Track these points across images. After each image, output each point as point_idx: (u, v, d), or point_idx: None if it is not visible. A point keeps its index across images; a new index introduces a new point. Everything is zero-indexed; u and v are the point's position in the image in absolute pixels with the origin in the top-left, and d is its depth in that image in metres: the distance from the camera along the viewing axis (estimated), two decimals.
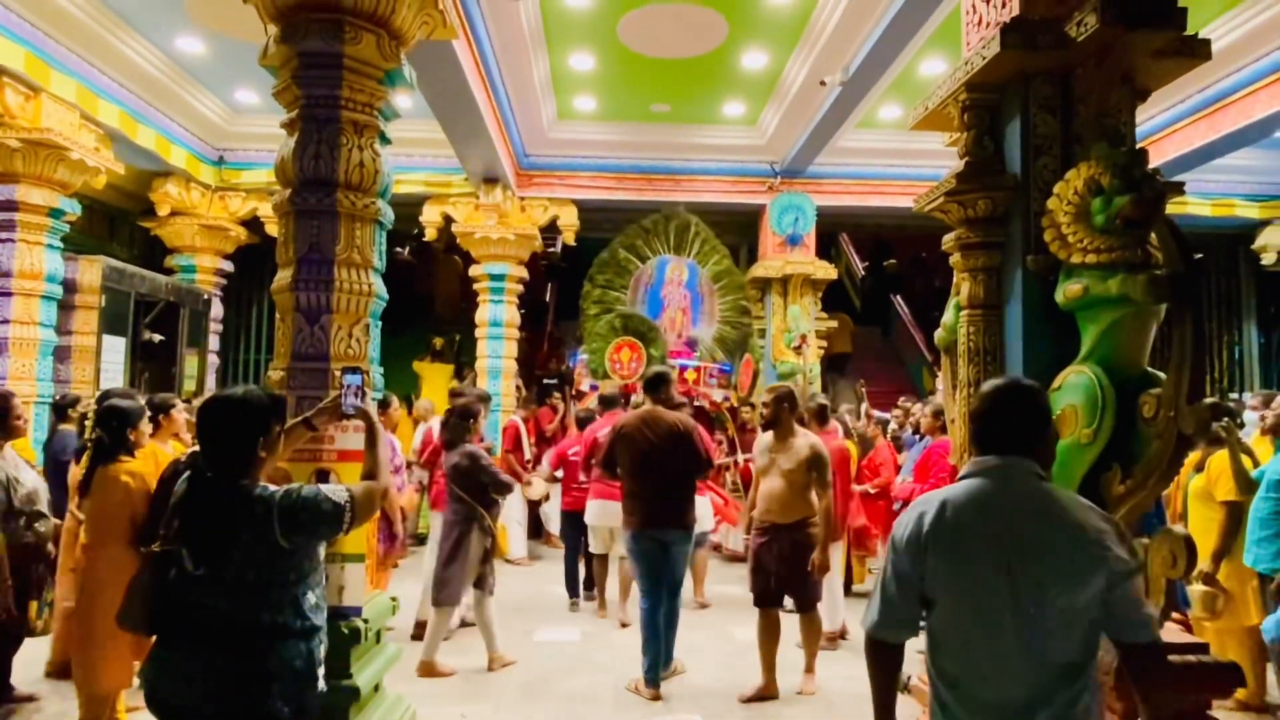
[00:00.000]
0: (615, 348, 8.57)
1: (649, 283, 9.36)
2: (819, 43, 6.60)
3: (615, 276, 9.34)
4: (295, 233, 3.39)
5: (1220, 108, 6.93)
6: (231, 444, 2.13)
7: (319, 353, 3.37)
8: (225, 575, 2.03)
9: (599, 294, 9.32)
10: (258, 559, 2.04)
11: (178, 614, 2.07)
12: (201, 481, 2.11)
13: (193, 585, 2.04)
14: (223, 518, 2.06)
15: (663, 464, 4.67)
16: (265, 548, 2.04)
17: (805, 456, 4.49)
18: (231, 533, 2.04)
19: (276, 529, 2.04)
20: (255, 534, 2.03)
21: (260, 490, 2.10)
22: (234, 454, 2.13)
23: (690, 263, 9.38)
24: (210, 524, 2.06)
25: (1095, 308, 2.97)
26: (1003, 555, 1.74)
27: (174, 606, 2.07)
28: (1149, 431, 2.81)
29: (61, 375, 6.93)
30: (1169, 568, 2.67)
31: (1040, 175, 3.27)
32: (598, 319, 9.02)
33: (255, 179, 9.23)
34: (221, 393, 2.27)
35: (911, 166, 9.21)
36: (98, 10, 6.39)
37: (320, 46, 3.35)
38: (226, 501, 2.07)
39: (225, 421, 2.15)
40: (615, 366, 8.53)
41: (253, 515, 2.04)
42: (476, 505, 4.93)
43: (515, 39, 6.69)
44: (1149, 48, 3.09)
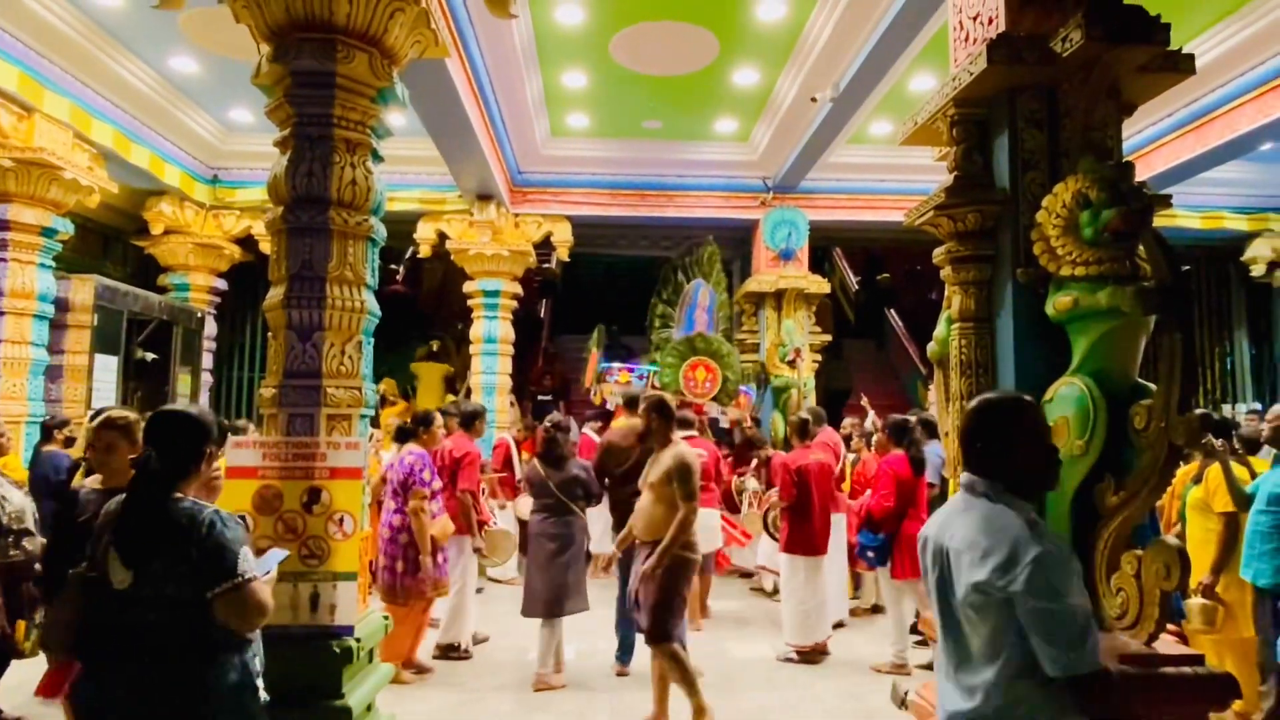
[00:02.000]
0: (691, 365, 8.74)
1: (688, 304, 9.65)
2: (809, 60, 6.66)
3: (674, 294, 9.73)
4: (287, 250, 3.39)
5: (1207, 121, 7.00)
6: (170, 454, 2.16)
7: (311, 370, 3.36)
8: (149, 591, 2.03)
9: (663, 309, 9.78)
10: (178, 574, 2.03)
11: (109, 634, 2.06)
12: (139, 488, 2.14)
13: (121, 603, 2.04)
14: (149, 525, 2.07)
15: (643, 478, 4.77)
16: (186, 565, 2.03)
17: (667, 468, 4.21)
18: (154, 542, 2.05)
19: (193, 547, 2.03)
20: (176, 547, 2.04)
21: (190, 503, 2.11)
22: (174, 464, 2.15)
23: (712, 290, 9.70)
24: (138, 531, 2.07)
25: (1085, 320, 2.98)
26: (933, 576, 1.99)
27: (104, 627, 2.07)
28: (1141, 442, 2.81)
29: (53, 394, 6.91)
30: (1162, 579, 2.66)
31: (1029, 189, 3.29)
32: (660, 333, 9.49)
33: (250, 197, 9.25)
34: (173, 406, 2.34)
35: (902, 181, 9.28)
36: (92, 30, 6.42)
37: (313, 65, 3.36)
38: (157, 510, 2.09)
39: (171, 432, 2.19)
40: (689, 384, 8.66)
41: (176, 526, 2.05)
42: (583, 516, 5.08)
43: (508, 57, 6.74)
44: (1134, 63, 3.12)
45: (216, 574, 2.03)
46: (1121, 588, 2.82)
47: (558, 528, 4.96)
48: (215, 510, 2.12)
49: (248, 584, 2.06)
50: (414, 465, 4.92)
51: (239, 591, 2.04)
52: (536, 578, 4.93)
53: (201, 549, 2.03)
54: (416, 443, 5.13)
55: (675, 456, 4.24)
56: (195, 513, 2.07)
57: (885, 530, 5.10)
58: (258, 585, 2.10)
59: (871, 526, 5.16)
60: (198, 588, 2.02)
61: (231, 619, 2.05)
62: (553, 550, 4.93)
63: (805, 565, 5.38)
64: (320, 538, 3.25)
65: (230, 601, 2.03)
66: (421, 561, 4.85)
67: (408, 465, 4.93)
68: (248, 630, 2.13)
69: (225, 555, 2.05)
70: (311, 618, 3.22)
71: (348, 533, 3.27)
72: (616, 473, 5.02)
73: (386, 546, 4.89)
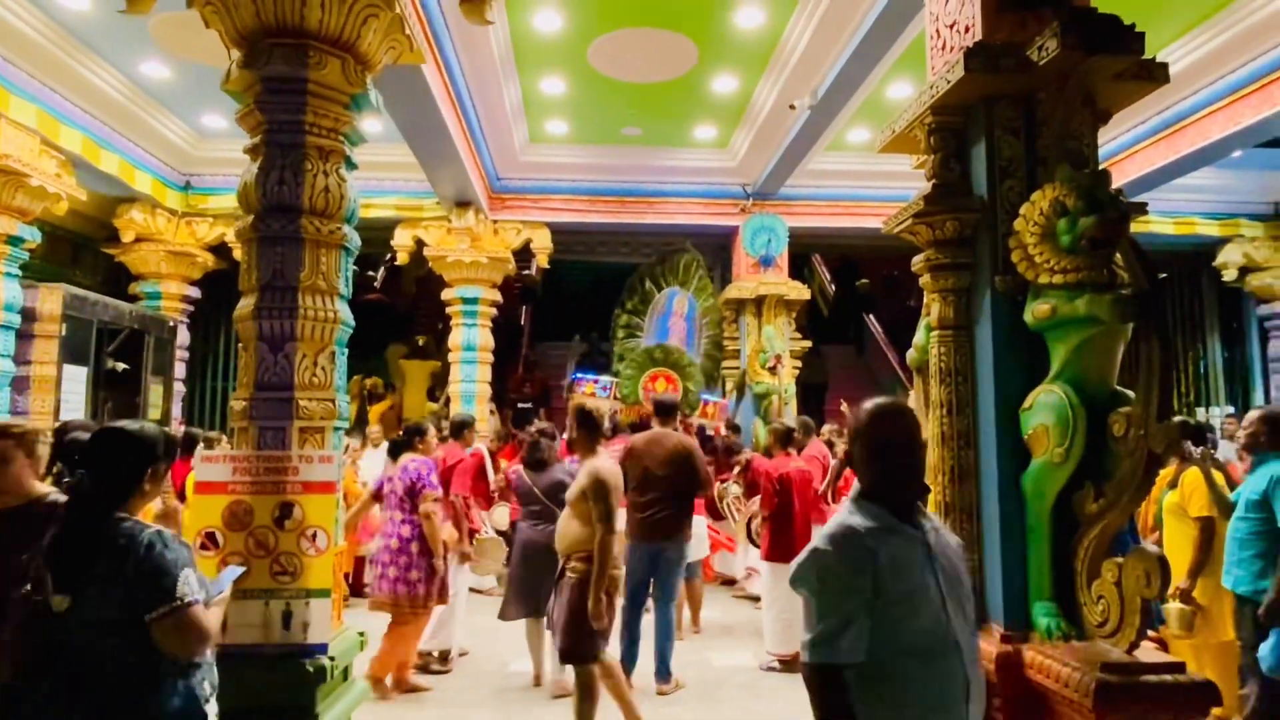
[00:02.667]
0: (650, 376, 8.95)
1: (661, 313, 9.76)
2: (788, 67, 6.67)
3: (640, 304, 9.75)
4: (258, 259, 3.32)
5: (1179, 129, 7.09)
6: (112, 474, 2.09)
7: (283, 382, 3.29)
8: (88, 615, 1.96)
9: (627, 319, 9.75)
10: (114, 597, 1.96)
11: (47, 659, 1.98)
12: (74, 511, 2.08)
13: (58, 625, 1.97)
14: (84, 545, 2.00)
15: (662, 482, 4.93)
16: (122, 587, 1.96)
17: (582, 485, 4.02)
18: (89, 561, 1.98)
19: (130, 569, 1.96)
20: (111, 568, 1.97)
21: (131, 524, 2.04)
22: (113, 484, 2.09)
23: (691, 297, 9.78)
24: (71, 550, 2.00)
25: (1063, 327, 2.99)
26: None
27: (42, 651, 1.99)
28: (1120, 450, 2.81)
29: (19, 407, 6.74)
30: (1143, 587, 2.66)
31: (1006, 197, 3.29)
32: (625, 343, 9.48)
33: (223, 204, 9.12)
34: (116, 423, 2.26)
35: (881, 188, 9.33)
36: (59, 35, 6.30)
37: (284, 71, 3.30)
38: (93, 529, 2.02)
39: (113, 451, 2.12)
40: (648, 394, 8.79)
41: (114, 547, 1.98)
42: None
43: (485, 64, 6.69)
44: (1109, 72, 3.13)
45: (154, 597, 1.96)
46: (1102, 595, 2.82)
47: (546, 536, 4.86)
48: (157, 530, 2.04)
49: (187, 608, 1.98)
50: (420, 471, 4.91)
51: (177, 615, 1.96)
52: (526, 580, 4.90)
53: (139, 570, 1.96)
54: (414, 452, 5.08)
55: (590, 473, 4.01)
56: (135, 533, 2.00)
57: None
58: (198, 610, 2.02)
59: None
60: (135, 611, 1.95)
61: (171, 644, 1.98)
62: (541, 557, 4.84)
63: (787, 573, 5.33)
64: (293, 554, 3.17)
65: (169, 626, 1.96)
66: (435, 565, 4.84)
67: (413, 472, 4.90)
68: (188, 656, 2.05)
69: (163, 577, 1.98)
70: (284, 636, 3.14)
71: (321, 548, 3.19)
72: (638, 480, 5.01)
73: (396, 558, 4.80)
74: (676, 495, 5.00)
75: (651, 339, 9.61)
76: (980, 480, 3.25)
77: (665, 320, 9.80)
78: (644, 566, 4.95)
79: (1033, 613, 3.01)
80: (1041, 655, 2.80)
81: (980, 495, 3.24)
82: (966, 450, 3.29)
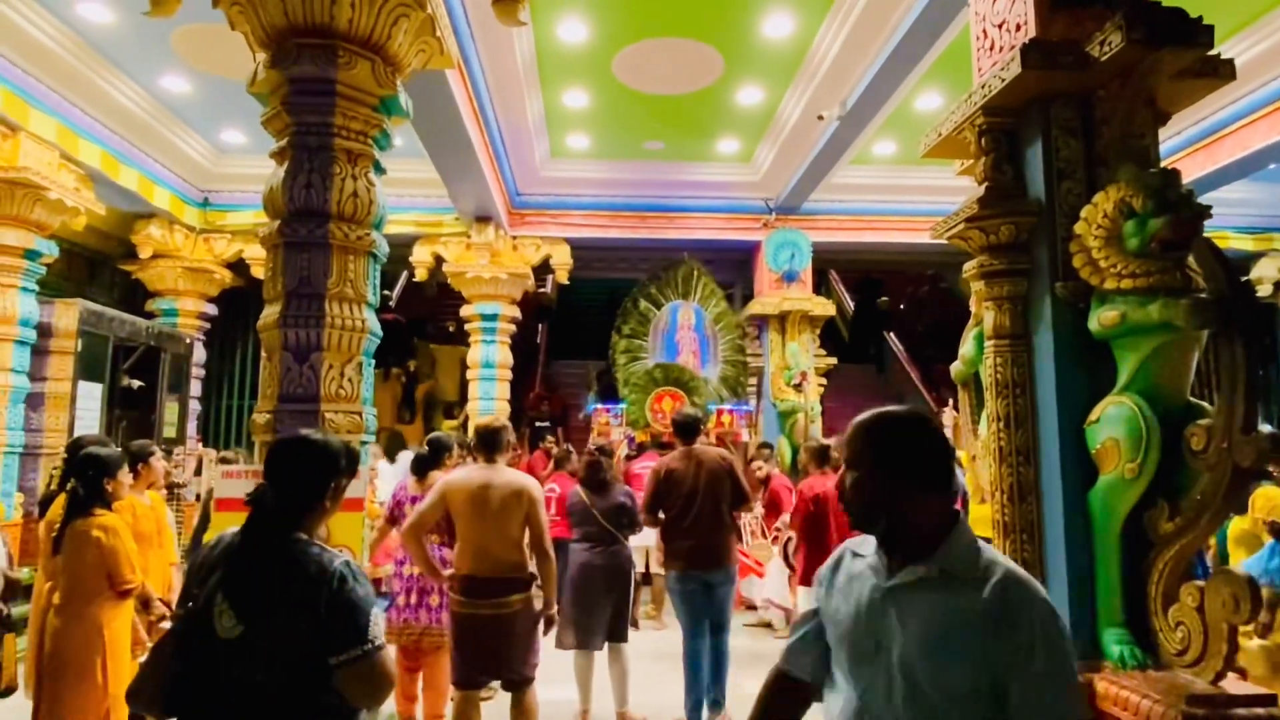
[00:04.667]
0: (656, 398, 8.77)
1: (665, 329, 9.61)
2: (816, 77, 6.57)
3: (639, 325, 9.57)
4: (284, 266, 3.20)
5: (1218, 139, 6.93)
6: (298, 488, 1.91)
7: (309, 394, 3.16)
8: (263, 644, 1.75)
9: (625, 344, 9.55)
10: (300, 631, 1.75)
11: (206, 691, 1.77)
12: (257, 528, 1.88)
13: (225, 655, 1.76)
14: (268, 567, 1.81)
15: (704, 504, 4.62)
16: (308, 619, 1.75)
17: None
18: (275, 587, 1.78)
19: (323, 603, 1.76)
20: (301, 598, 1.76)
21: (319, 549, 1.84)
22: (297, 499, 1.90)
23: (696, 307, 9.63)
24: (257, 577, 1.80)
25: (1133, 335, 2.83)
26: None
27: (201, 681, 1.77)
28: (1199, 465, 2.64)
29: (34, 423, 6.65)
30: (1231, 612, 2.47)
31: (1065, 200, 3.15)
32: (628, 368, 9.27)
33: (241, 220, 9.07)
34: (300, 433, 2.09)
35: (906, 202, 9.19)
36: (80, 48, 6.27)
37: (312, 72, 3.20)
38: (280, 551, 1.82)
39: (299, 463, 1.94)
40: (657, 416, 8.66)
41: (304, 575, 1.78)
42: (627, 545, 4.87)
43: (509, 76, 6.62)
44: (1173, 68, 3.00)
45: (346, 638, 1.75)
46: (1181, 621, 2.64)
47: (605, 559, 4.72)
48: (346, 561, 1.84)
49: (378, 651, 1.78)
50: None
51: (369, 660, 1.75)
52: (586, 611, 4.67)
53: (332, 606, 1.75)
54: (441, 470, 4.74)
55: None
56: (326, 562, 1.79)
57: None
58: (387, 655, 1.82)
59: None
60: (320, 650, 1.74)
61: (355, 690, 1.77)
62: (603, 582, 4.70)
63: None
64: None
65: (357, 671, 1.75)
66: None
67: None
68: (370, 705, 1.84)
69: (357, 616, 1.77)
70: None
71: None
72: (674, 500, 4.70)
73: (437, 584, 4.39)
74: (720, 516, 4.68)
75: (659, 357, 9.44)
76: (1042, 498, 3.08)
77: (671, 336, 9.63)
78: (696, 597, 4.62)
79: (1103, 640, 2.83)
80: (1116, 686, 2.61)
81: (1042, 514, 3.07)
82: (1026, 466, 3.12)
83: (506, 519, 3.56)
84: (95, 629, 3.09)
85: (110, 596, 3.19)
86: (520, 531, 3.64)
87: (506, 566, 3.56)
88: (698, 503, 4.61)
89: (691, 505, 4.62)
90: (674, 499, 4.65)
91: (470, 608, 3.52)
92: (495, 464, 3.68)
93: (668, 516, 4.69)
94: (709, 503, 4.62)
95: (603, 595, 4.68)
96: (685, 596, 4.60)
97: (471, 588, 3.53)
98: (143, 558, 3.51)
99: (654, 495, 4.70)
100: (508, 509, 3.56)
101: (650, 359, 9.44)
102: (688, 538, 4.59)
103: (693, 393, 8.79)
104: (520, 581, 3.61)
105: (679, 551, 4.62)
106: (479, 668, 3.61)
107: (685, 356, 9.50)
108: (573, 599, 4.77)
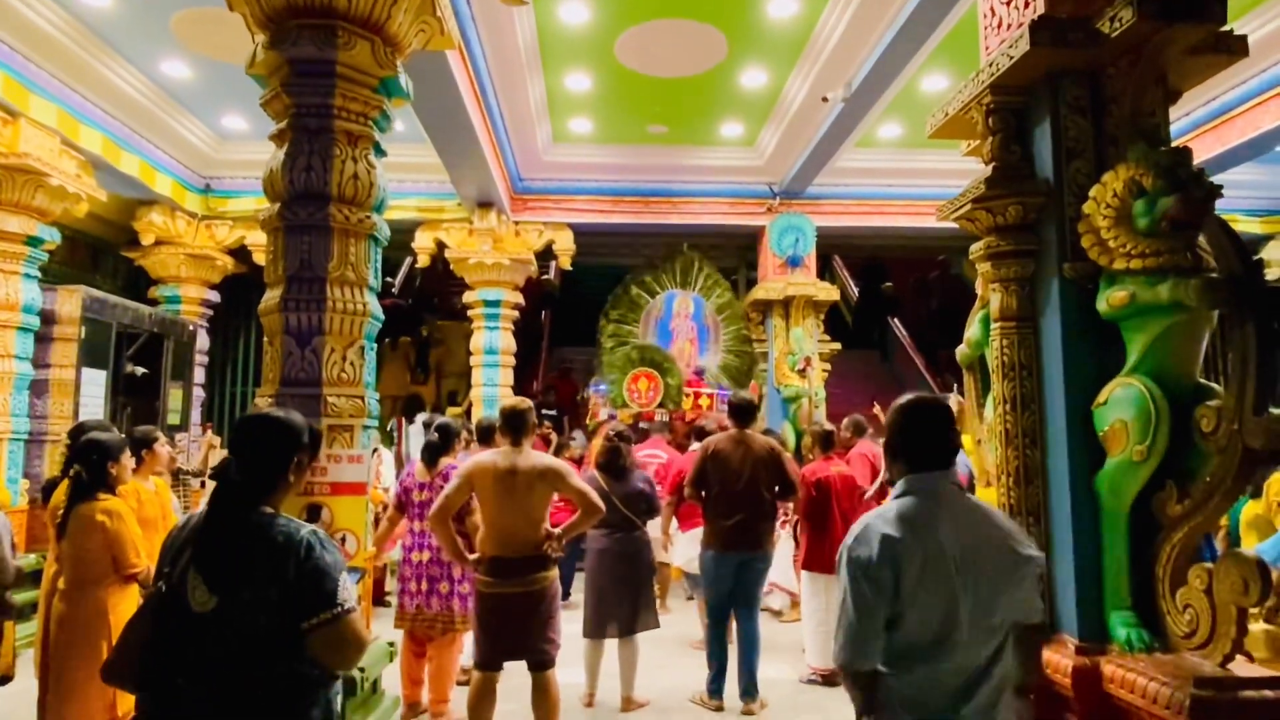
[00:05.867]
0: (632, 378, 8.87)
1: (659, 316, 9.73)
2: (820, 59, 6.50)
3: (628, 312, 9.69)
4: (285, 249, 3.18)
5: (1228, 119, 6.84)
6: (260, 463, 1.94)
7: (311, 377, 3.14)
8: (236, 615, 1.79)
9: (613, 329, 9.65)
10: (270, 600, 1.79)
11: (180, 664, 1.81)
12: (222, 503, 1.91)
13: (199, 629, 1.80)
14: (236, 541, 1.84)
15: (748, 487, 4.67)
16: (277, 588, 1.80)
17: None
18: (242, 559, 1.82)
19: (291, 571, 1.80)
20: (269, 568, 1.80)
21: (286, 521, 1.89)
22: (261, 474, 1.94)
23: (696, 296, 9.72)
24: (226, 551, 1.84)
25: (1142, 316, 2.80)
26: (955, 564, 1.96)
27: (177, 655, 1.81)
28: (1209, 447, 2.61)
29: (38, 410, 6.65)
30: (1240, 594, 2.45)
31: (1074, 179, 3.10)
32: (613, 352, 9.34)
33: (243, 207, 9.03)
34: (263, 409, 2.12)
35: (911, 186, 9.11)
36: (80, 34, 6.22)
37: (312, 53, 3.17)
38: (241, 523, 1.86)
39: (261, 439, 1.97)
40: (633, 396, 8.79)
41: (271, 546, 1.82)
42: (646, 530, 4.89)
43: (511, 58, 6.57)
44: (1186, 43, 2.95)
45: (315, 603, 1.79)
46: (1189, 604, 2.62)
47: (625, 544, 4.70)
48: (313, 530, 1.88)
49: (347, 614, 1.82)
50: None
51: (338, 624, 1.80)
52: (609, 597, 4.66)
53: (300, 573, 1.80)
54: (450, 456, 4.68)
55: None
56: (292, 531, 1.84)
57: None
58: (357, 618, 1.86)
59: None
60: (291, 617, 1.79)
61: (327, 654, 1.81)
62: (625, 569, 4.69)
63: (825, 583, 5.13)
64: None
65: (328, 635, 1.79)
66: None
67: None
68: (343, 668, 1.89)
69: (325, 582, 1.81)
70: None
71: (350, 553, 3.03)
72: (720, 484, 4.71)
73: (446, 570, 4.38)
74: (763, 502, 4.71)
75: (655, 343, 9.52)
76: (1048, 480, 3.06)
77: (665, 323, 9.71)
78: (728, 578, 4.65)
79: (1110, 623, 2.81)
80: (1123, 669, 2.60)
81: (1048, 496, 3.06)
82: (1033, 449, 3.10)
83: (532, 500, 3.55)
84: (100, 613, 3.09)
85: (115, 580, 3.20)
86: (545, 511, 3.64)
87: (532, 546, 3.55)
88: (742, 485, 4.64)
89: (735, 487, 4.65)
90: (718, 480, 4.67)
91: (498, 588, 3.51)
92: (521, 447, 3.63)
93: (709, 496, 4.71)
94: (752, 487, 4.66)
95: (621, 582, 4.66)
96: (717, 577, 4.65)
97: (498, 568, 3.52)
98: (148, 543, 3.51)
99: (699, 473, 4.73)
100: (534, 490, 3.55)
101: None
102: (728, 518, 4.62)
103: (666, 373, 8.86)
104: (546, 560, 3.60)
105: (718, 531, 4.66)
106: (503, 648, 3.60)
107: (681, 344, 9.58)
108: (590, 585, 4.77)
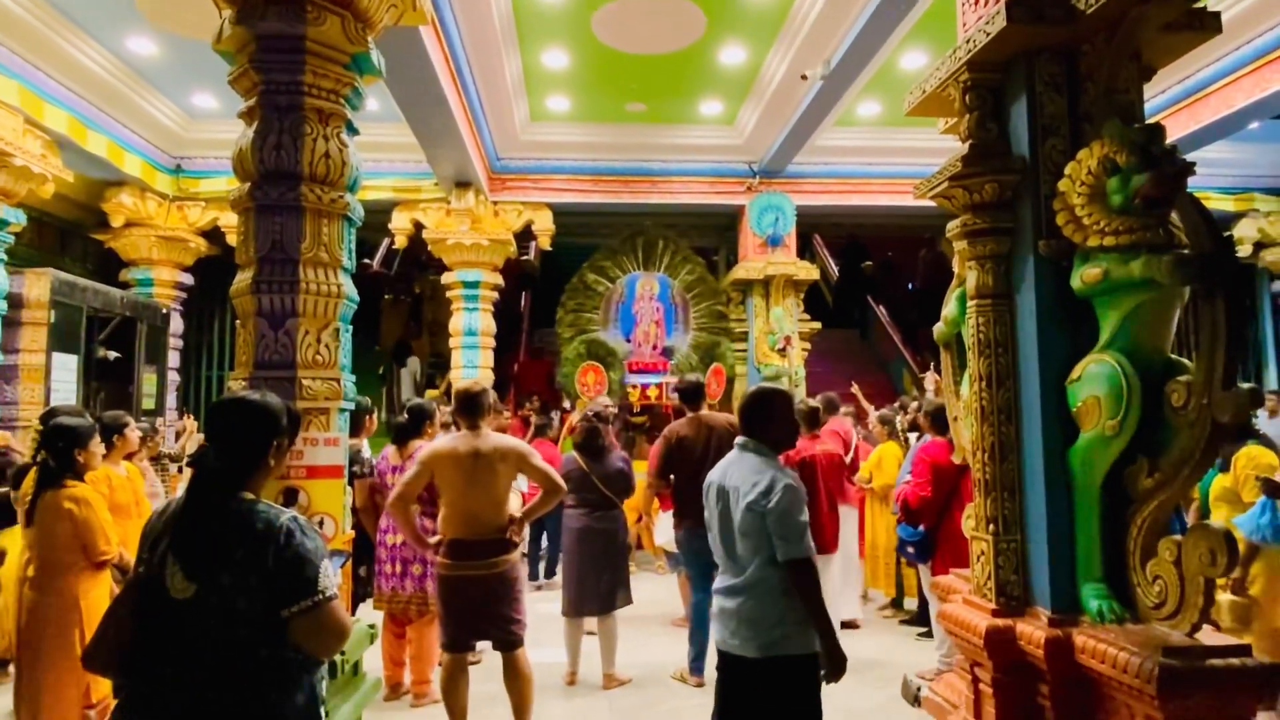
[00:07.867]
0: (582, 371, 9.07)
1: (620, 300, 9.66)
2: (799, 35, 6.46)
3: (585, 300, 9.62)
4: (256, 230, 3.12)
5: (1201, 97, 6.89)
6: (238, 447, 1.91)
7: (284, 360, 3.10)
8: (215, 602, 1.77)
9: (570, 319, 9.61)
10: (249, 586, 1.77)
11: (161, 650, 1.79)
12: (200, 488, 1.88)
13: (179, 616, 1.78)
14: (214, 527, 1.82)
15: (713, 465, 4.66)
16: (257, 575, 1.78)
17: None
18: (221, 546, 1.79)
19: (270, 558, 1.78)
20: (248, 555, 1.78)
21: (265, 506, 1.86)
22: (238, 459, 1.91)
23: (661, 276, 9.66)
24: (203, 537, 1.81)
25: (1115, 293, 2.83)
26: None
27: (157, 642, 1.79)
28: (1179, 421, 2.65)
29: (8, 396, 6.53)
30: (1207, 565, 2.50)
31: (1049, 157, 3.12)
32: (570, 342, 9.42)
33: (215, 187, 8.87)
34: (239, 393, 2.09)
35: (891, 164, 9.12)
36: (42, 9, 6.05)
37: (280, 28, 3.10)
38: (220, 509, 1.84)
39: (238, 423, 1.94)
40: (584, 389, 8.98)
41: (250, 532, 1.80)
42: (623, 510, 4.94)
43: (486, 34, 6.46)
44: (1159, 21, 2.96)
45: (295, 590, 1.78)
46: (1159, 576, 2.67)
47: (603, 523, 4.75)
48: (293, 516, 1.86)
49: (328, 602, 1.81)
50: None
51: (319, 611, 1.79)
52: (587, 575, 4.70)
53: (279, 560, 1.78)
54: (423, 439, 4.67)
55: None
56: (272, 517, 1.81)
57: (925, 523, 4.70)
58: (338, 604, 1.85)
59: (910, 519, 4.74)
60: (271, 604, 1.77)
61: (308, 641, 1.80)
62: (601, 547, 4.73)
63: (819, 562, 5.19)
64: None
65: (309, 622, 1.78)
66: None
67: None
68: (325, 655, 1.88)
69: (306, 568, 1.80)
70: None
71: (328, 536, 3.01)
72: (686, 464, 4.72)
73: (419, 553, 4.35)
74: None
75: (613, 330, 9.51)
76: (1023, 456, 3.10)
77: (628, 308, 9.61)
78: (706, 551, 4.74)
79: (1082, 595, 2.87)
80: (1094, 639, 2.65)
81: (1023, 472, 3.10)
82: (1008, 425, 3.14)
83: (495, 482, 3.54)
84: (72, 600, 3.06)
85: (87, 567, 3.16)
86: (508, 493, 3.62)
87: (494, 529, 3.55)
88: (707, 465, 4.64)
89: (702, 469, 4.65)
90: (684, 463, 4.69)
91: (459, 569, 3.50)
92: (479, 430, 3.61)
93: (678, 479, 4.73)
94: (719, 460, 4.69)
95: (599, 559, 4.71)
96: (695, 551, 4.68)
97: (458, 550, 3.51)
98: (120, 529, 3.47)
99: (664, 460, 4.75)
100: (496, 473, 3.53)
101: (602, 332, 9.47)
102: (698, 496, 4.65)
103: (610, 367, 9.06)
104: (506, 543, 3.60)
105: (688, 509, 4.66)
106: (468, 629, 3.60)
107: (646, 326, 9.54)
108: (568, 563, 4.81)
